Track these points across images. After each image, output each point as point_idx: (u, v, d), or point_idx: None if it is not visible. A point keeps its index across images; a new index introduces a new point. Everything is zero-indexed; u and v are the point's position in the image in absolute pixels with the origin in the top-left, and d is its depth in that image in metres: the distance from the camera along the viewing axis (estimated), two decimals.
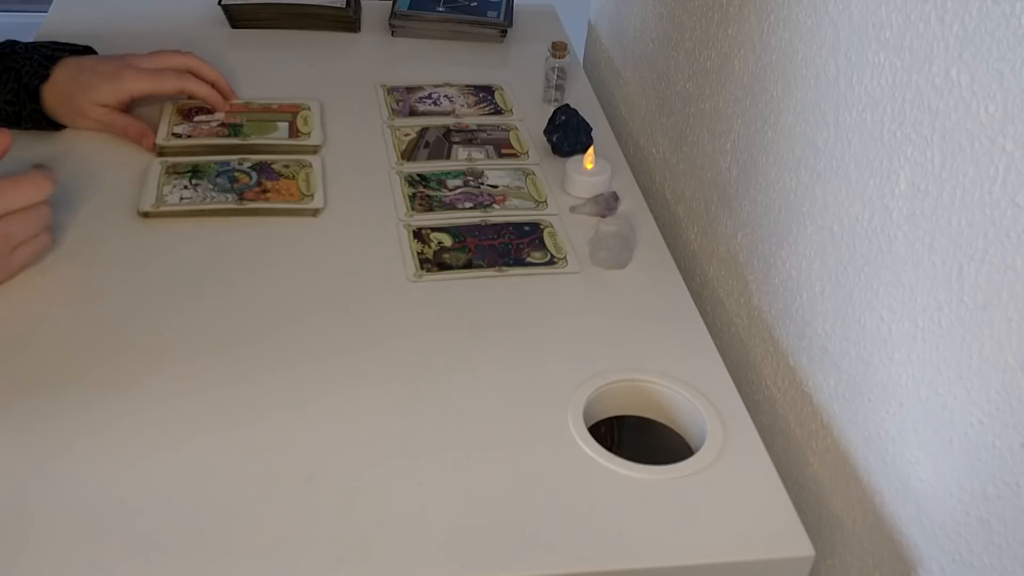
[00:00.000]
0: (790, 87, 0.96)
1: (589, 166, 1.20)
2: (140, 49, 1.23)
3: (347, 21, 1.53)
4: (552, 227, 1.14)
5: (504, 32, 1.54)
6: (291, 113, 1.29)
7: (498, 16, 1.54)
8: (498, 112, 1.35)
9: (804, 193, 0.94)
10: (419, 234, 1.11)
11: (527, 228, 1.13)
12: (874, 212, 0.83)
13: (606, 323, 1.02)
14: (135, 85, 1.20)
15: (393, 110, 1.34)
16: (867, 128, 0.83)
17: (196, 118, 1.26)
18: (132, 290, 1.00)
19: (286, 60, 1.44)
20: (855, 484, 0.88)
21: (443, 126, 1.31)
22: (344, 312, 1.00)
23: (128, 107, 1.23)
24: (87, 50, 1.25)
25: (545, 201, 1.18)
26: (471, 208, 1.16)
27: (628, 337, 1.00)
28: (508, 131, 1.31)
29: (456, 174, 1.22)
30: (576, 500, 0.83)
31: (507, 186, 1.20)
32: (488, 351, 0.97)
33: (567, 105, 1.28)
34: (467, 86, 1.40)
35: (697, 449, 0.89)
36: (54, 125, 1.21)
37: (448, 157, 1.25)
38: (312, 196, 1.15)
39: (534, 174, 1.23)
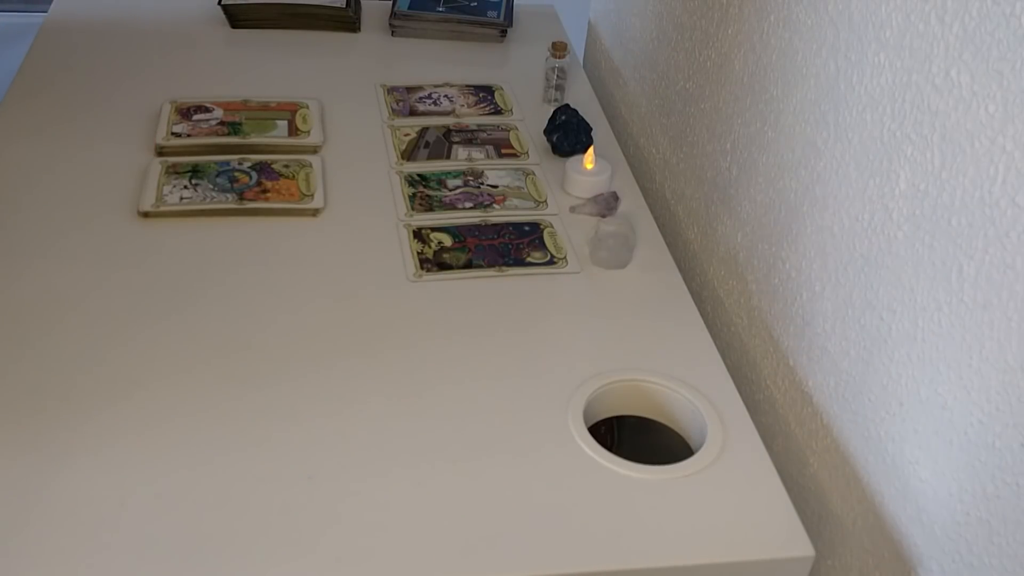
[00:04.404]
0: (790, 87, 0.96)
1: (589, 166, 1.20)
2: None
3: (347, 21, 1.53)
4: (552, 227, 1.14)
5: (504, 32, 1.55)
6: (289, 111, 1.29)
7: (498, 16, 1.54)
8: (498, 112, 1.35)
9: (804, 193, 0.94)
10: (419, 234, 1.11)
11: (527, 228, 1.13)
12: (874, 212, 0.83)
13: (606, 323, 1.02)
14: None
15: (393, 110, 1.34)
16: (867, 128, 0.83)
17: (195, 116, 1.26)
18: (132, 290, 1.00)
19: (286, 60, 1.44)
20: (855, 484, 0.88)
21: (443, 126, 1.31)
22: (344, 312, 1.00)
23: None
24: None
25: (545, 201, 1.18)
26: (471, 208, 1.16)
27: (628, 337, 1.00)
28: (508, 131, 1.31)
29: (456, 174, 1.22)
30: (576, 500, 0.83)
31: (507, 186, 1.20)
32: (488, 351, 0.97)
33: (567, 105, 1.28)
34: (467, 86, 1.40)
35: (697, 449, 0.89)
36: None
37: (448, 157, 1.25)
38: (312, 196, 1.15)
39: (534, 174, 1.23)
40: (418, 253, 1.08)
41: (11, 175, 1.15)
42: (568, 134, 1.25)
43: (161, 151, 1.20)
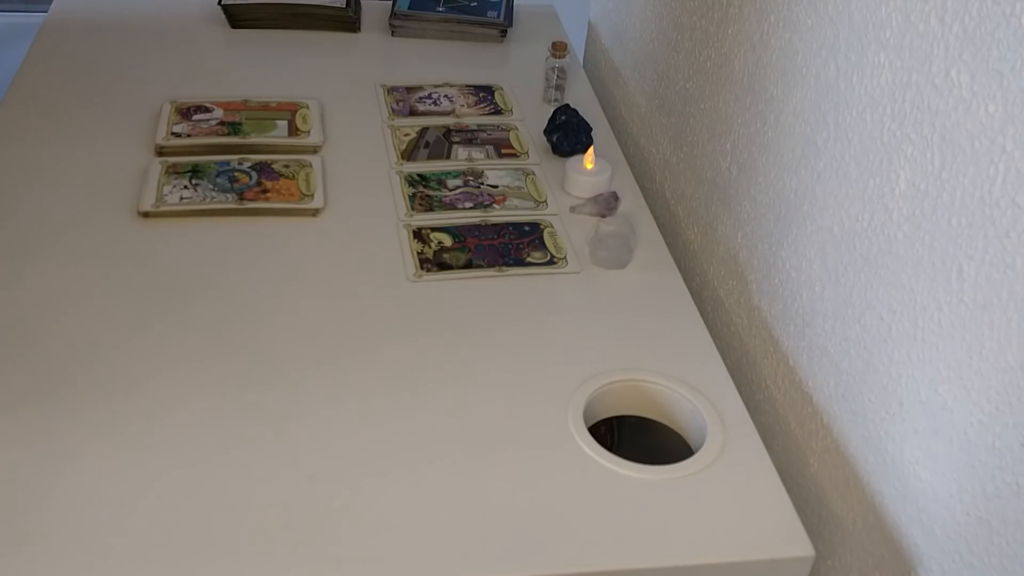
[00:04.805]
0: (790, 87, 0.96)
1: (589, 166, 1.20)
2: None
3: (347, 21, 1.53)
4: (552, 227, 1.14)
5: (504, 32, 1.55)
6: (289, 111, 1.29)
7: (498, 16, 1.54)
8: (498, 112, 1.35)
9: (804, 193, 0.94)
10: (419, 234, 1.11)
11: (527, 228, 1.13)
12: (874, 212, 0.83)
13: (606, 323, 1.02)
14: None
15: (393, 110, 1.34)
16: (867, 128, 0.83)
17: (195, 116, 1.26)
18: (132, 290, 1.00)
19: (286, 60, 1.44)
20: (855, 484, 0.88)
21: (443, 126, 1.31)
22: (344, 312, 1.00)
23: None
24: None
25: (545, 201, 1.18)
26: (471, 208, 1.16)
27: (628, 337, 1.00)
28: (508, 131, 1.31)
29: (456, 174, 1.22)
30: (576, 500, 0.83)
31: (507, 186, 1.20)
32: (488, 351, 0.97)
33: (567, 105, 1.28)
34: (467, 86, 1.40)
35: (697, 449, 0.90)
36: None
37: (448, 157, 1.25)
38: (312, 196, 1.15)
39: (534, 174, 1.23)
40: (418, 253, 1.08)
41: (11, 175, 1.15)
42: (568, 134, 1.25)
43: (161, 151, 1.20)
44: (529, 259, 1.09)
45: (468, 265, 1.07)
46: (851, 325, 0.87)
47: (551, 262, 1.09)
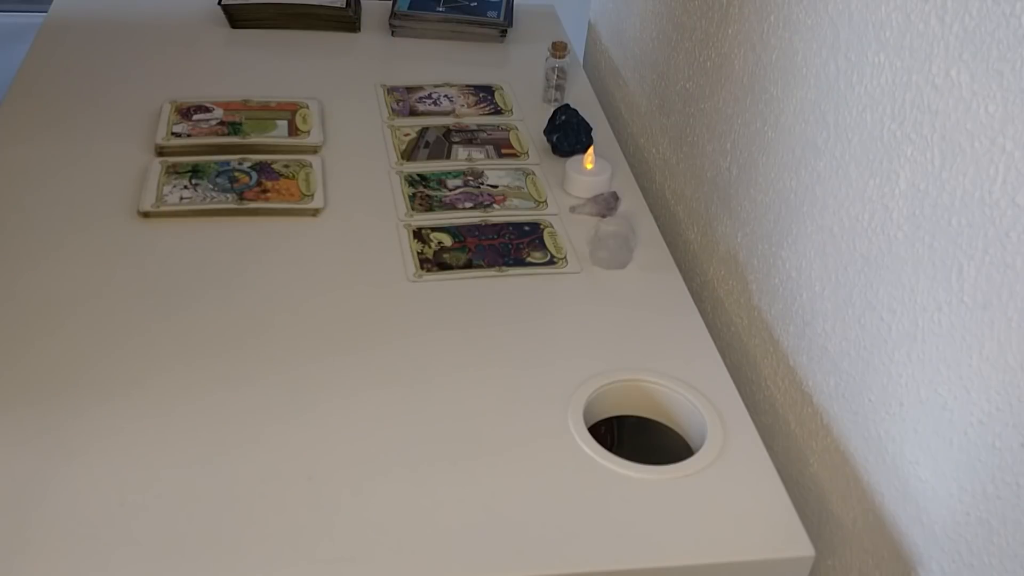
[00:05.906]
0: (790, 87, 0.96)
1: (589, 166, 1.20)
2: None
3: (347, 21, 1.53)
4: (552, 227, 1.14)
5: (504, 32, 1.55)
6: (289, 111, 1.29)
7: (498, 16, 1.54)
8: (498, 112, 1.35)
9: (804, 193, 0.94)
10: (419, 234, 1.11)
11: (527, 228, 1.13)
12: (874, 212, 0.83)
13: (606, 323, 1.02)
14: None
15: (393, 110, 1.34)
16: (867, 128, 0.83)
17: (195, 116, 1.26)
18: (132, 290, 1.00)
19: (286, 60, 1.44)
20: (855, 484, 0.88)
21: (443, 126, 1.31)
22: (344, 312, 1.00)
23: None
24: None
25: (545, 201, 1.18)
26: (471, 208, 1.16)
27: (628, 337, 1.00)
28: (508, 131, 1.31)
29: (456, 174, 1.22)
30: (576, 500, 0.83)
31: (507, 186, 1.20)
32: (488, 351, 0.97)
33: (567, 105, 1.28)
34: (467, 86, 1.40)
35: (697, 449, 0.90)
36: None
37: (448, 157, 1.25)
38: (312, 196, 1.15)
39: (534, 174, 1.23)
40: (418, 253, 1.08)
41: (11, 175, 1.15)
42: (568, 134, 1.25)
43: (161, 151, 1.20)
44: (529, 259, 1.09)
45: (468, 265, 1.07)
46: (851, 325, 0.87)
47: (551, 262, 1.09)
